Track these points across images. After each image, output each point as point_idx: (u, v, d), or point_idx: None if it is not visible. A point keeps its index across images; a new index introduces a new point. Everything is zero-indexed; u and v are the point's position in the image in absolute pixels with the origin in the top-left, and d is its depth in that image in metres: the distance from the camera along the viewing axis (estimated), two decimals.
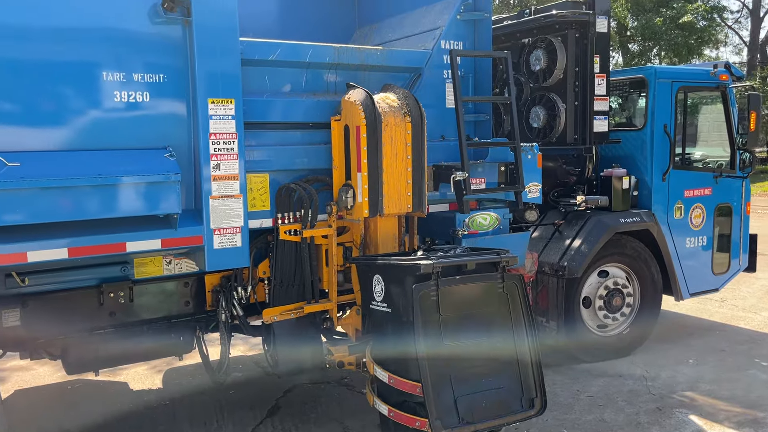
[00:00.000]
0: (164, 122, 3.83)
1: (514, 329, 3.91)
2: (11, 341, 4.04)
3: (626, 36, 25.06)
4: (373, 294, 4.05)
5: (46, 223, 3.45)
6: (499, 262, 3.91)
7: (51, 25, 3.46)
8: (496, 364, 3.84)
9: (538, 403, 3.86)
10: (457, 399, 3.66)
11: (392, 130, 4.31)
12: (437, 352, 3.65)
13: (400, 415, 3.82)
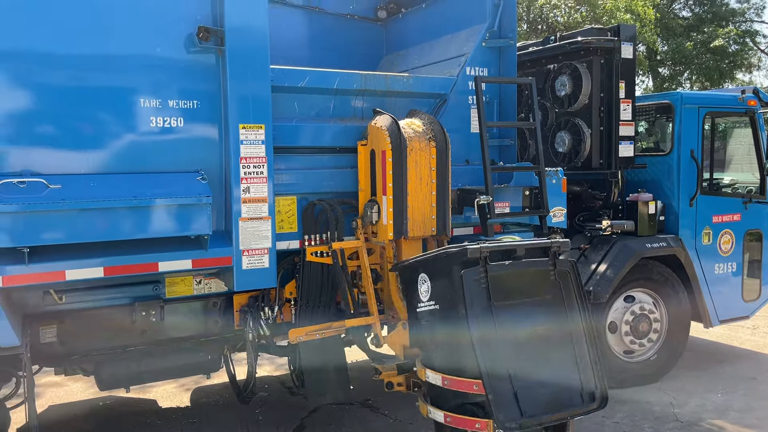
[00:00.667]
0: (197, 146, 3.98)
1: (569, 318, 3.68)
2: (48, 357, 4.17)
3: (656, 60, 24.92)
4: (418, 296, 3.89)
5: (83, 243, 3.60)
6: (549, 248, 3.72)
7: (92, 53, 3.65)
8: (552, 356, 3.63)
9: (598, 396, 3.61)
10: (517, 392, 3.44)
11: (417, 155, 4.40)
12: (492, 344, 3.45)
13: (458, 419, 3.62)
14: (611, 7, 16.87)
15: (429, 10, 5.79)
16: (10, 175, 3.42)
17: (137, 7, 3.73)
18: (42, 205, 3.38)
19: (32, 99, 3.52)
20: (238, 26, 3.89)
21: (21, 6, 3.45)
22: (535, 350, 3.61)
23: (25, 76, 3.51)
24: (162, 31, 3.81)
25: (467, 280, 3.49)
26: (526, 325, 3.61)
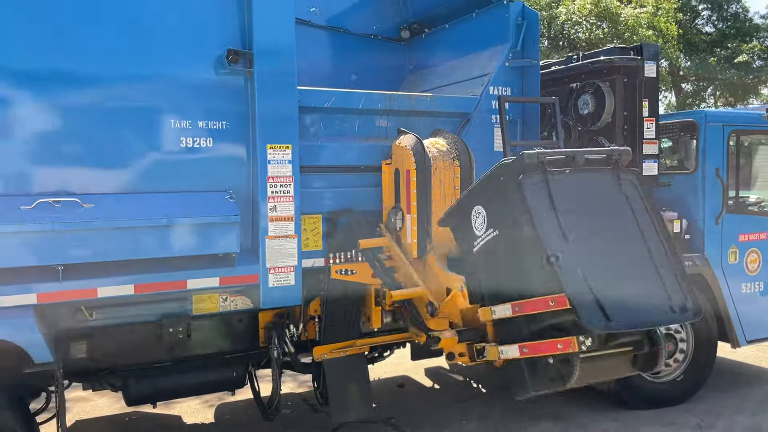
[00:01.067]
0: (225, 166, 4.06)
1: (642, 230, 3.43)
2: (78, 373, 4.25)
3: (679, 76, 24.78)
4: (473, 233, 3.68)
5: (114, 260, 3.68)
6: (610, 155, 3.52)
7: (125, 75, 3.75)
8: (631, 268, 3.39)
9: (691, 308, 3.35)
10: (600, 299, 3.18)
11: (441, 174, 4.44)
12: (566, 252, 3.21)
13: (535, 346, 3.39)
14: (633, 23, 16.84)
15: (452, 30, 5.85)
16: (46, 194, 3.52)
17: (169, 31, 3.83)
18: (76, 224, 3.47)
19: (67, 120, 3.62)
20: (266, 49, 3.98)
21: (57, 30, 3.56)
22: (612, 261, 3.34)
23: (61, 98, 3.61)
24: (192, 54, 3.90)
25: (527, 187, 3.25)
26: (598, 236, 3.35)
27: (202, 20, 3.91)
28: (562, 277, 3.15)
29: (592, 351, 3.33)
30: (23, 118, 3.52)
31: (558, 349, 3.29)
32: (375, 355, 5.34)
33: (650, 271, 3.38)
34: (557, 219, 3.28)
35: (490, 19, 5.28)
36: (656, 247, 3.44)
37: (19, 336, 3.43)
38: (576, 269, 3.21)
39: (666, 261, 3.43)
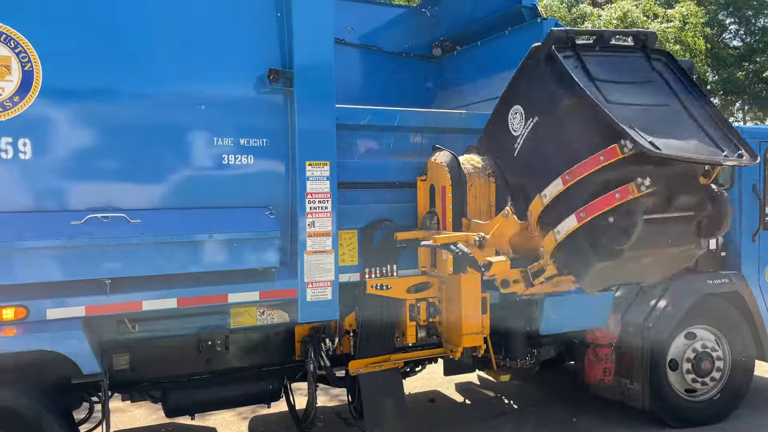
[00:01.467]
0: (265, 182, 4.14)
1: (679, 97, 3.44)
2: (120, 384, 4.33)
3: (707, 90, 24.54)
4: (512, 136, 3.76)
5: (158, 275, 3.77)
6: (637, 35, 3.57)
7: (170, 94, 3.86)
8: (676, 128, 3.36)
9: (745, 152, 3.34)
10: (651, 140, 3.18)
11: (477, 190, 4.47)
12: (609, 110, 3.20)
13: (593, 205, 3.30)
14: (661, 38, 16.74)
15: (484, 48, 5.91)
16: (95, 210, 3.63)
17: (213, 52, 3.93)
18: (124, 239, 3.57)
19: (116, 138, 3.73)
20: (306, 68, 4.06)
21: (106, 51, 3.69)
22: (656, 122, 3.28)
23: (110, 117, 3.72)
24: (235, 74, 4.00)
25: (562, 59, 3.29)
26: (638, 101, 3.34)
27: (245, 41, 4.01)
28: (615, 120, 3.11)
29: (654, 213, 3.26)
30: (75, 137, 3.64)
31: (616, 199, 3.19)
32: (407, 370, 5.36)
33: (695, 129, 3.36)
34: (596, 87, 3.30)
35: (523, 37, 5.31)
36: (702, 116, 3.41)
37: (68, 347, 3.52)
38: (622, 122, 3.21)
39: (711, 121, 3.40)
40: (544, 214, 3.71)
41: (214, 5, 3.94)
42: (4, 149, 3.47)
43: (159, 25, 3.83)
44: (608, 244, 3.38)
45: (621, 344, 5.63)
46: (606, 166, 3.29)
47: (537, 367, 5.57)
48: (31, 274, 3.44)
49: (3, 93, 3.45)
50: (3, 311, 3.48)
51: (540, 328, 4.88)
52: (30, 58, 3.49)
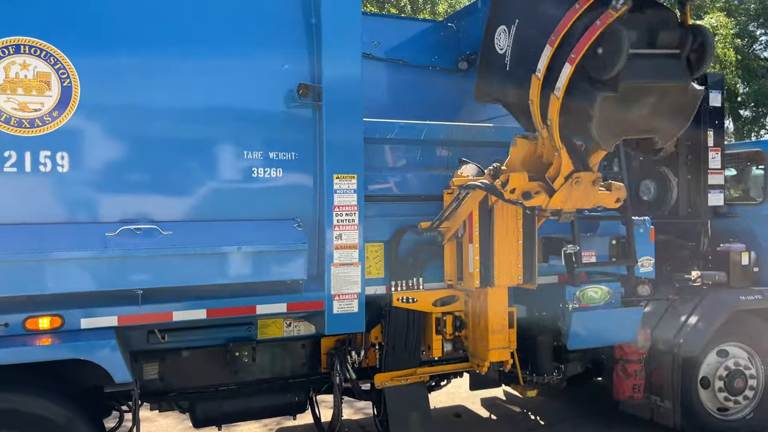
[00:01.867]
0: (293, 195, 4.18)
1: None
2: (149, 393, 4.39)
3: (737, 102, 24.14)
4: (499, 54, 3.97)
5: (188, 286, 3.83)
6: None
7: (202, 109, 3.94)
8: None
9: None
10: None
11: (503, 204, 4.46)
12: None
13: (580, 43, 3.44)
14: None
15: None
16: (128, 222, 3.71)
17: (244, 66, 4.01)
18: (157, 250, 3.64)
19: (149, 151, 3.82)
20: (334, 83, 4.11)
21: (142, 66, 3.78)
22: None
23: (144, 130, 3.81)
24: (265, 89, 4.07)
25: None
26: None
27: (275, 57, 4.07)
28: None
29: (637, 48, 3.47)
30: (110, 150, 3.74)
31: (598, 26, 3.37)
32: (432, 384, 5.35)
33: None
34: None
35: None
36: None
37: (101, 356, 3.58)
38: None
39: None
40: (543, 94, 3.78)
41: (246, 23, 4.02)
42: (43, 162, 3.57)
43: (193, 42, 3.92)
44: (603, 71, 3.51)
45: (651, 360, 5.55)
46: (584, 11, 3.46)
47: (564, 382, 5.51)
48: (67, 284, 3.52)
49: (43, 108, 3.56)
50: (39, 320, 3.56)
51: (567, 342, 4.84)
52: (69, 74, 3.60)
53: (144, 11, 3.81)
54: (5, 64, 3.47)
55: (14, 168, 3.52)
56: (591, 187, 4.05)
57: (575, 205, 4.09)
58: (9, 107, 3.49)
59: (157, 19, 3.83)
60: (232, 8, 4.01)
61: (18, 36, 3.49)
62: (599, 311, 4.89)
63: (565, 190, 3.96)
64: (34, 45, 3.52)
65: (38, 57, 3.53)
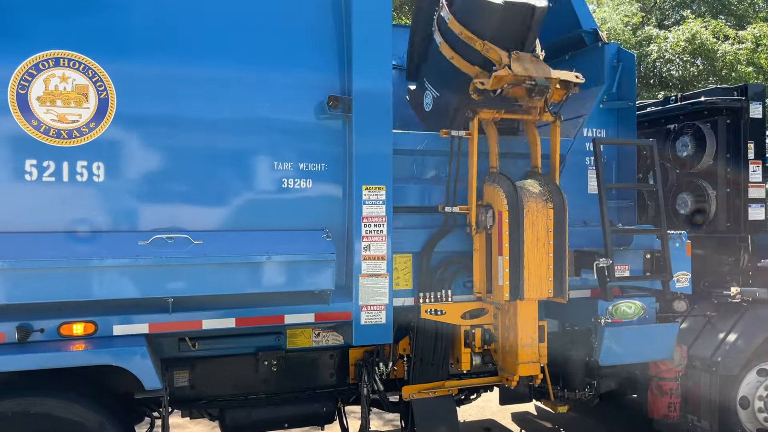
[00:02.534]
0: (322, 206, 4.21)
1: None
2: (179, 400, 4.45)
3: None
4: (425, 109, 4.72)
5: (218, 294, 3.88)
6: None
7: (234, 120, 4.00)
8: None
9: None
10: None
11: (534, 216, 4.41)
12: None
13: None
14: (731, 59, 16.18)
15: None
16: (160, 231, 3.78)
17: (277, 80, 4.06)
18: (188, 259, 3.70)
19: (181, 162, 3.89)
20: (364, 95, 4.13)
21: (176, 78, 3.86)
22: None
23: (177, 141, 3.89)
24: (296, 101, 4.12)
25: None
26: None
27: (306, 70, 4.12)
28: None
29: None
30: (144, 161, 3.82)
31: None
32: (461, 397, 5.29)
33: None
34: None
35: (585, 61, 5.25)
36: None
37: (132, 363, 3.64)
38: None
39: None
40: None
41: (278, 36, 4.08)
42: (80, 172, 3.67)
43: (226, 54, 3.99)
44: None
45: (687, 378, 5.39)
46: None
47: (596, 399, 5.39)
48: (101, 291, 3.60)
49: (80, 119, 3.66)
50: (73, 326, 3.65)
51: (599, 358, 4.73)
52: (106, 86, 3.70)
53: (179, 25, 3.89)
54: (45, 77, 3.59)
55: (52, 177, 3.63)
56: (537, 60, 4.43)
57: (539, 72, 4.35)
58: (48, 118, 3.61)
59: (190, 32, 3.92)
60: (264, 21, 4.08)
61: (57, 49, 3.61)
62: (633, 327, 4.77)
63: (516, 62, 4.30)
64: (72, 58, 3.64)
65: (77, 70, 3.64)
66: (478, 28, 4.37)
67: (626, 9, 18.73)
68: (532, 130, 4.69)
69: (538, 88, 4.33)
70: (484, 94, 4.40)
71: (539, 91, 4.36)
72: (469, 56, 4.46)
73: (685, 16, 18.62)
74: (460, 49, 4.48)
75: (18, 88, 3.55)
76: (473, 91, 4.39)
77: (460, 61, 4.50)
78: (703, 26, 16.71)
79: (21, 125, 3.56)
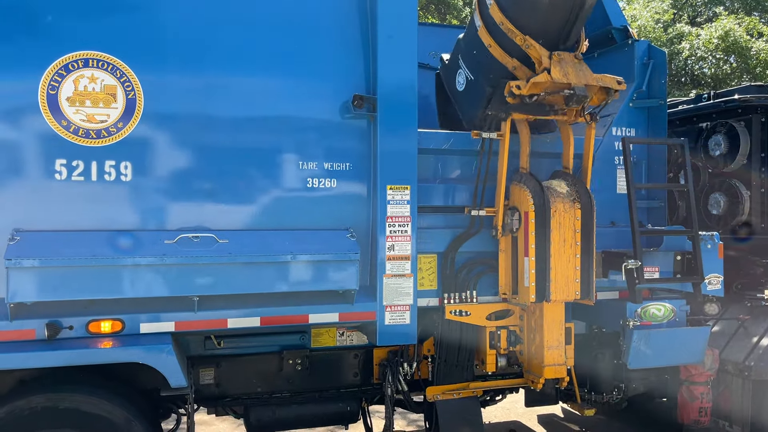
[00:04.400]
0: (346, 205, 4.20)
1: None
2: (205, 398, 4.49)
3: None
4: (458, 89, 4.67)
5: (243, 293, 3.90)
6: None
7: (260, 120, 4.01)
8: None
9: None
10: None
11: (561, 217, 4.35)
12: None
13: None
14: (766, 57, 15.79)
15: None
16: (186, 230, 3.81)
17: (302, 79, 4.07)
18: (213, 258, 3.73)
19: (208, 161, 3.92)
20: (389, 94, 4.11)
21: (203, 78, 3.89)
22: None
23: (203, 141, 3.91)
24: (321, 100, 4.12)
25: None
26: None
27: (332, 69, 4.13)
28: None
29: None
30: (171, 160, 3.86)
31: None
32: (487, 398, 5.25)
33: None
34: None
35: (615, 59, 5.16)
36: None
37: (158, 360, 3.68)
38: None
39: None
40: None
41: (304, 36, 4.08)
42: (108, 172, 3.72)
43: (252, 54, 4.01)
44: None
45: (719, 383, 5.26)
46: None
47: (625, 402, 5.29)
48: (128, 289, 3.65)
49: (108, 119, 3.71)
50: (101, 324, 3.70)
51: (628, 361, 4.65)
52: (133, 86, 3.74)
53: (207, 27, 3.92)
54: (75, 77, 3.64)
55: (81, 177, 3.68)
56: (579, 63, 4.25)
57: (579, 79, 4.18)
58: (78, 119, 3.66)
59: (218, 33, 3.94)
60: (290, 21, 4.08)
61: (86, 50, 3.66)
62: (662, 330, 4.68)
63: (557, 65, 4.16)
64: (101, 59, 3.68)
65: (105, 70, 3.69)
66: (520, 20, 4.20)
67: (657, 6, 18.39)
68: (566, 129, 4.58)
69: (576, 97, 4.17)
70: (520, 98, 4.25)
71: (577, 100, 4.19)
72: (508, 47, 4.32)
73: (718, 13, 18.25)
74: (499, 38, 4.33)
75: (48, 88, 3.61)
76: (508, 94, 4.24)
77: (498, 50, 4.35)
78: (737, 23, 16.34)
79: (51, 125, 3.62)
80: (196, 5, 3.91)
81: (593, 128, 4.52)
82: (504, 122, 4.39)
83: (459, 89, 4.84)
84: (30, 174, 3.63)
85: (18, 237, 3.53)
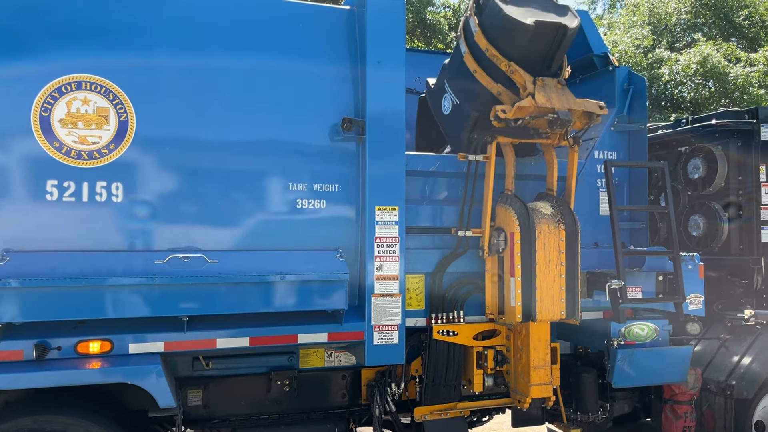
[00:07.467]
0: (335, 226, 4.26)
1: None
2: (192, 419, 4.47)
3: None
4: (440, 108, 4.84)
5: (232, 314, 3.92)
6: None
7: (250, 143, 4.07)
8: None
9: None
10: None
11: (546, 237, 4.43)
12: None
13: None
14: (743, 82, 16.18)
15: None
16: (176, 250, 3.84)
17: (291, 103, 4.15)
18: (203, 279, 3.75)
19: (198, 183, 3.96)
20: (378, 118, 4.20)
21: (194, 102, 3.95)
22: None
23: (194, 163, 3.96)
24: (311, 123, 4.19)
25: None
26: None
27: (322, 94, 4.21)
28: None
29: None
30: (162, 181, 3.90)
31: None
32: (474, 419, 5.27)
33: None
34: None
35: (596, 85, 5.31)
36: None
37: (147, 381, 3.68)
38: None
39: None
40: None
41: (293, 59, 4.16)
42: (99, 192, 3.75)
43: (243, 78, 4.08)
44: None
45: (702, 402, 5.34)
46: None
47: (610, 422, 5.34)
48: (117, 310, 3.66)
49: (100, 141, 3.75)
50: (90, 344, 3.70)
51: (612, 380, 4.71)
52: (126, 109, 3.79)
53: (196, 50, 3.99)
54: (68, 100, 3.69)
55: (72, 198, 3.71)
56: (562, 89, 4.39)
57: (563, 104, 4.32)
58: (70, 140, 3.70)
59: (209, 58, 4.01)
60: (280, 45, 4.17)
61: (79, 73, 3.71)
62: (646, 349, 4.76)
63: (541, 91, 4.29)
64: (94, 81, 3.74)
65: (98, 93, 3.74)
66: (505, 47, 4.33)
67: (637, 32, 18.81)
68: (550, 152, 4.70)
69: (560, 121, 4.29)
70: (505, 122, 4.37)
71: (561, 124, 4.32)
72: (493, 73, 4.45)
73: (696, 39, 18.69)
74: (485, 65, 4.47)
75: (41, 110, 3.65)
76: (494, 118, 4.35)
77: (484, 76, 4.48)
78: (715, 49, 16.75)
79: (43, 147, 3.66)
80: (189, 30, 3.98)
81: (576, 151, 4.63)
82: (490, 145, 4.50)
83: (445, 113, 4.95)
84: (21, 194, 3.65)
85: (7, 257, 3.54)
